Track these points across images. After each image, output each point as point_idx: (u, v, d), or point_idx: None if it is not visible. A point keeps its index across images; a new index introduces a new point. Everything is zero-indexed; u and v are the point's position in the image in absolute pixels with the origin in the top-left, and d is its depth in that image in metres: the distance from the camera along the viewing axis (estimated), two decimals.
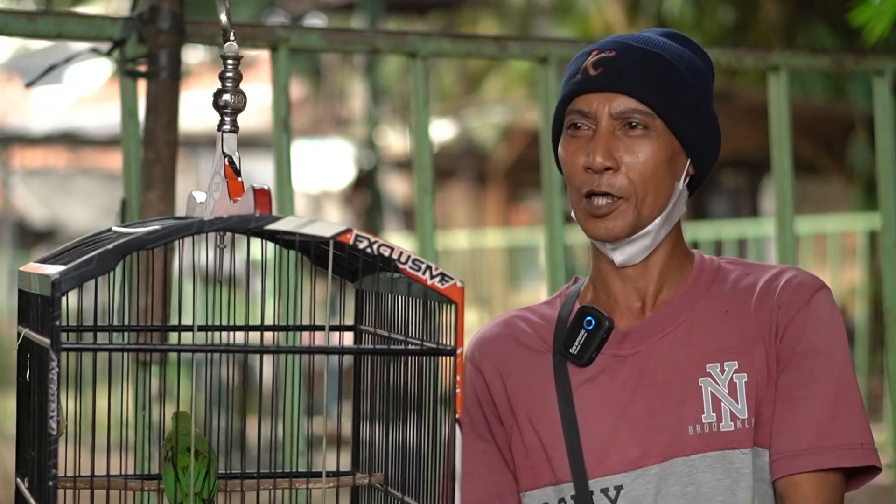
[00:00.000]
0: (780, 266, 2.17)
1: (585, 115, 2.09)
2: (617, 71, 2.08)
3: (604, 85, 2.08)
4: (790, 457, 2.05)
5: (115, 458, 1.72)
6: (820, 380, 2.06)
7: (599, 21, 12.78)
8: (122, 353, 1.55)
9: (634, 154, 2.07)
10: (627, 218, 2.07)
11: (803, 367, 2.07)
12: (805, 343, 2.07)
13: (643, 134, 2.07)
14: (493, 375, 2.17)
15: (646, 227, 2.09)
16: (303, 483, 1.76)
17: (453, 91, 18.44)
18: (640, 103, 2.07)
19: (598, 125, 2.08)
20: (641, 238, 2.10)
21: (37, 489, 1.57)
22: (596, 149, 2.06)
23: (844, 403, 2.07)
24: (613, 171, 2.07)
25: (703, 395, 2.07)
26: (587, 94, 2.09)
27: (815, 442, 2.04)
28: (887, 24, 3.69)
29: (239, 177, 1.71)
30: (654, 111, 2.07)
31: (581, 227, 2.12)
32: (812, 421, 2.05)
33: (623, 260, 2.11)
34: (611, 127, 2.08)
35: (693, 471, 2.06)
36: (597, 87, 2.08)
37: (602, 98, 2.08)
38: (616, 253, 2.11)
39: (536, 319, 2.19)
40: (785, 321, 2.08)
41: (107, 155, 17.49)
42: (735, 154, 13.00)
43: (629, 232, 2.08)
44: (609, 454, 2.08)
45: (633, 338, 2.11)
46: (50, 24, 2.67)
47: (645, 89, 2.07)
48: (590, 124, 2.09)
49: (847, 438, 2.05)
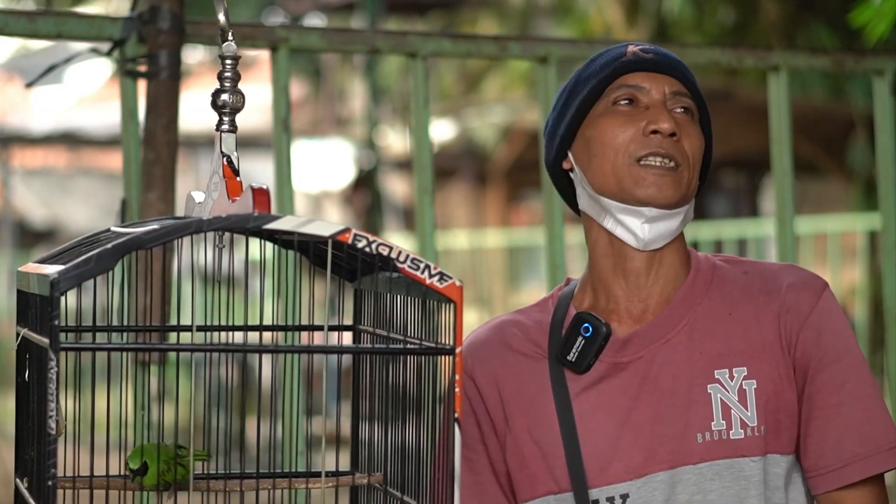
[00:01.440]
0: (778, 264, 2.16)
1: (640, 89, 2.10)
2: (666, 57, 2.13)
3: (656, 66, 2.11)
4: (839, 469, 2.04)
5: (114, 458, 1.72)
6: (849, 382, 2.06)
7: (599, 21, 12.77)
8: (122, 352, 1.55)
9: (688, 134, 2.10)
10: (680, 188, 2.08)
11: (828, 373, 2.06)
12: (824, 349, 2.06)
13: (691, 118, 2.11)
14: (486, 383, 2.13)
15: (683, 206, 2.09)
16: (302, 483, 1.76)
17: (453, 91, 18.43)
18: (684, 87, 2.11)
19: (654, 100, 2.10)
20: (674, 217, 2.09)
21: (36, 489, 1.57)
22: (665, 115, 2.08)
23: (873, 402, 2.07)
24: (677, 140, 2.08)
25: (712, 401, 2.05)
26: (640, 72, 2.11)
27: (857, 449, 2.04)
28: (888, 25, 3.69)
29: (237, 176, 1.71)
30: (695, 102, 2.12)
31: (622, 193, 2.07)
32: (851, 429, 2.05)
33: (650, 238, 2.08)
34: (665, 103, 2.10)
35: (701, 479, 2.04)
36: (650, 66, 2.11)
37: (656, 77, 2.11)
38: (647, 227, 2.07)
39: (528, 323, 2.16)
40: (795, 327, 2.07)
41: (107, 155, 17.48)
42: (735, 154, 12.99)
43: (676, 202, 2.07)
44: (613, 462, 2.06)
45: (635, 344, 2.09)
46: (50, 24, 2.67)
47: (688, 76, 2.13)
48: (643, 99, 2.10)
49: (886, 440, 2.05)
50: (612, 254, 2.11)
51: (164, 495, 1.74)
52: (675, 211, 2.08)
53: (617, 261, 2.11)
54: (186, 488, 1.70)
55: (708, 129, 2.14)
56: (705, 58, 3.21)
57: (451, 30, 15.80)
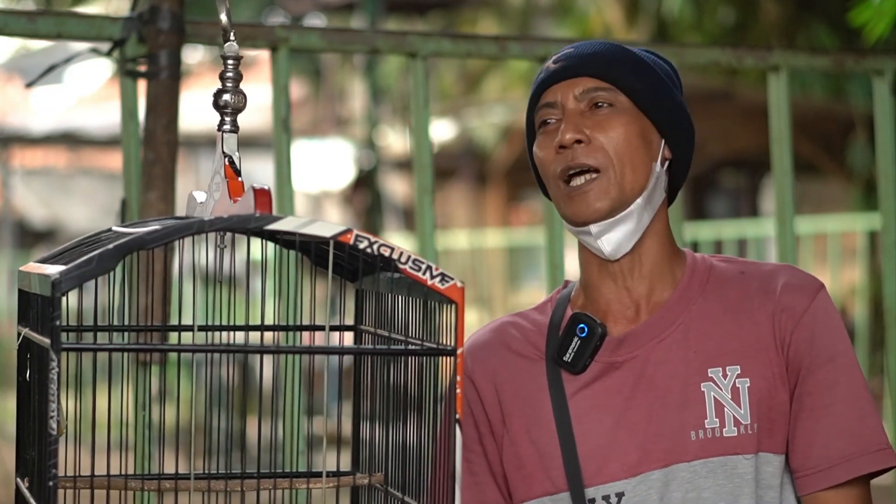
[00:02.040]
0: (774, 264, 2.15)
1: (552, 105, 2.10)
2: (575, 59, 2.11)
3: (564, 73, 2.10)
4: (826, 469, 2.04)
5: (115, 458, 1.72)
6: (839, 384, 2.06)
7: (599, 21, 12.78)
8: (122, 353, 1.55)
9: (605, 130, 2.07)
10: (610, 192, 2.06)
11: (819, 374, 2.06)
12: (817, 350, 2.06)
13: (610, 111, 2.08)
14: (485, 384, 2.14)
15: (628, 206, 2.07)
16: (303, 483, 1.76)
17: (453, 91, 18.44)
18: (600, 81, 2.09)
19: (565, 110, 2.09)
20: (625, 220, 2.08)
21: (37, 489, 1.57)
22: (566, 126, 2.07)
23: (864, 404, 2.07)
24: (585, 145, 2.06)
25: (705, 399, 2.05)
26: (550, 87, 2.11)
27: (846, 449, 2.04)
28: (887, 25, 3.68)
29: (239, 177, 1.72)
30: (616, 87, 2.08)
31: (565, 219, 2.11)
32: (840, 430, 2.04)
33: (611, 250, 2.08)
34: (577, 109, 2.09)
35: (695, 477, 2.04)
36: (558, 77, 2.10)
37: (564, 86, 2.10)
38: (602, 242, 2.08)
39: (528, 326, 2.17)
40: (790, 327, 2.07)
41: (107, 155, 17.48)
42: (735, 154, 12.99)
43: (612, 207, 2.06)
44: (609, 461, 2.06)
45: (629, 343, 2.09)
46: (50, 24, 2.67)
47: (603, 68, 2.09)
48: (557, 115, 2.10)
49: (873, 441, 2.05)
50: (595, 261, 2.13)
51: (163, 495, 1.74)
52: (620, 215, 2.07)
53: (600, 266, 2.13)
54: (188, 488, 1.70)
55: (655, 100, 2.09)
56: (705, 58, 3.21)
57: (451, 30, 15.80)
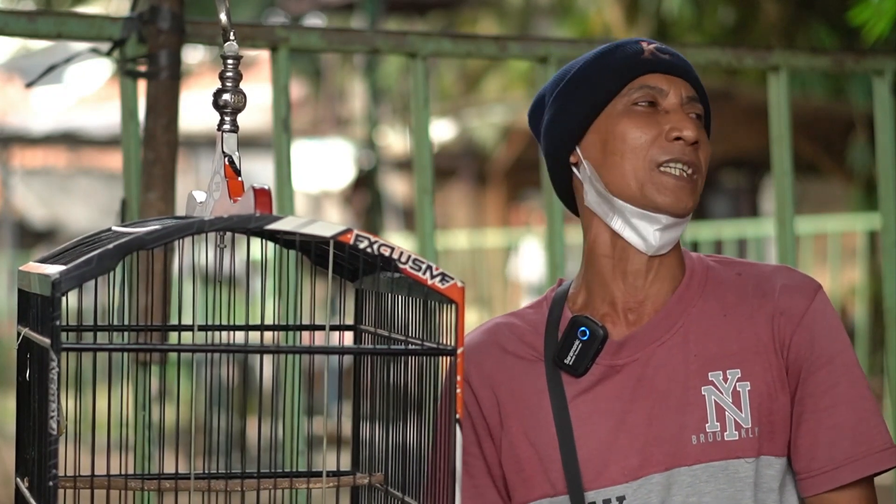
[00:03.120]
0: (771, 266, 2.15)
1: (660, 92, 2.08)
2: (679, 59, 2.11)
3: (674, 69, 2.09)
4: (831, 471, 2.04)
5: (115, 458, 1.72)
6: (840, 384, 2.06)
7: (599, 21, 12.77)
8: (122, 353, 1.55)
9: (703, 141, 2.08)
10: (696, 196, 2.07)
11: (820, 375, 2.05)
12: (817, 351, 2.06)
13: (700, 124, 2.09)
14: (482, 386, 2.12)
15: (690, 214, 2.08)
16: (303, 483, 1.76)
17: (453, 91, 18.44)
18: (695, 92, 2.10)
19: (673, 103, 2.07)
20: (684, 224, 2.09)
21: (37, 489, 1.57)
22: (689, 123, 2.06)
23: (866, 404, 2.07)
24: (696, 147, 2.07)
25: (706, 403, 2.05)
26: (658, 73, 2.09)
27: (851, 450, 2.03)
28: (887, 24, 3.68)
29: (239, 176, 1.72)
30: (702, 103, 2.10)
31: (642, 199, 2.05)
32: (844, 430, 2.04)
33: (660, 245, 2.07)
34: (683, 108, 2.08)
35: (696, 481, 2.04)
36: (668, 69, 2.09)
37: (674, 80, 2.09)
38: (659, 234, 2.06)
39: (523, 325, 2.15)
40: (789, 329, 2.07)
41: (107, 155, 17.49)
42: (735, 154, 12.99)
43: (691, 210, 2.07)
44: (609, 465, 2.05)
45: (630, 346, 2.09)
46: (50, 24, 2.67)
47: (699, 81, 2.11)
48: (663, 102, 2.08)
49: (878, 441, 2.05)
50: (613, 254, 2.10)
51: (163, 495, 1.74)
52: (685, 219, 2.08)
53: (617, 262, 2.10)
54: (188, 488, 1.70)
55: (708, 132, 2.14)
56: (705, 58, 3.21)
57: (451, 30, 15.80)
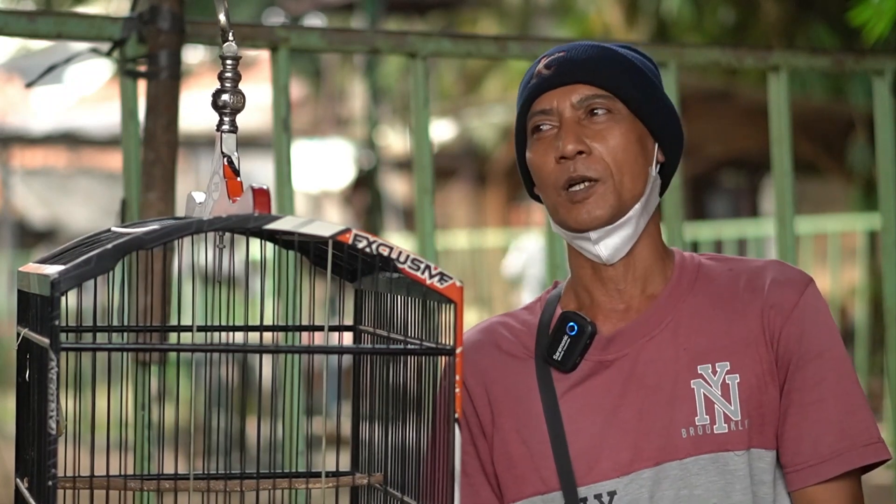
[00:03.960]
0: (763, 260, 2.15)
1: (547, 112, 2.09)
2: (569, 65, 2.09)
3: (559, 80, 2.09)
4: (816, 465, 2.03)
5: (114, 459, 1.72)
6: (828, 379, 2.05)
7: (598, 21, 12.78)
8: (122, 353, 1.55)
9: (604, 139, 2.07)
10: (608, 200, 2.06)
11: (809, 369, 2.05)
12: (806, 345, 2.06)
13: (608, 118, 2.08)
14: (475, 384, 2.14)
15: (627, 213, 2.07)
16: (302, 483, 1.76)
17: (453, 91, 18.45)
18: (598, 89, 2.08)
19: (562, 118, 2.08)
20: (624, 226, 2.08)
21: (36, 489, 1.57)
22: (566, 137, 2.06)
23: (853, 398, 2.06)
24: (586, 156, 2.06)
25: (695, 397, 2.05)
26: (544, 93, 2.10)
27: (836, 444, 2.03)
28: (887, 24, 3.68)
29: (238, 176, 1.71)
30: (614, 94, 2.08)
31: (562, 225, 2.10)
32: (829, 424, 2.04)
33: (609, 255, 2.09)
34: (575, 117, 2.08)
35: (686, 474, 2.04)
36: (553, 84, 2.09)
37: (560, 93, 2.09)
38: (601, 247, 2.08)
39: (517, 325, 2.17)
40: (779, 323, 2.07)
41: (107, 155, 17.49)
42: (735, 154, 13.00)
43: (611, 215, 2.06)
44: (600, 460, 2.06)
45: (619, 341, 2.09)
46: (50, 24, 2.67)
47: (600, 75, 2.09)
48: (553, 122, 2.09)
49: (864, 436, 2.04)
50: (588, 265, 2.13)
51: (163, 495, 1.74)
52: (619, 222, 2.08)
53: (594, 270, 2.12)
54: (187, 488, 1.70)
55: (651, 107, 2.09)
56: (705, 58, 3.21)
57: (451, 30, 15.81)
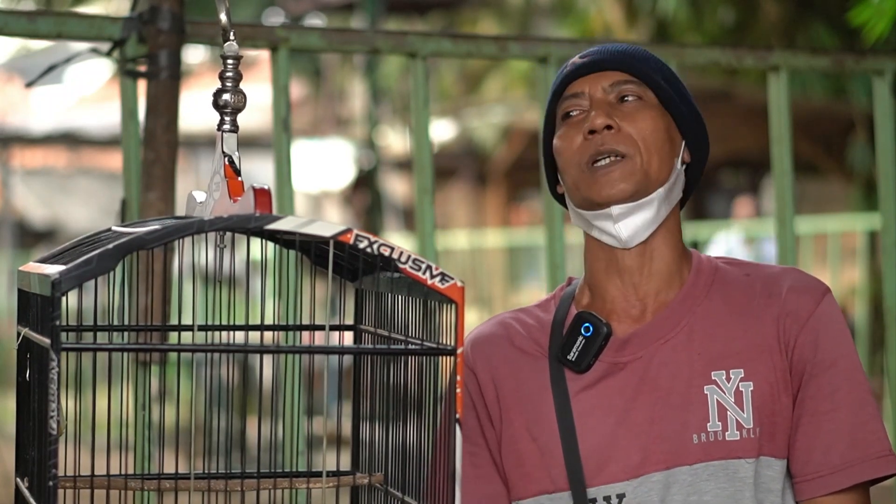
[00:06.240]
0: (780, 267, 2.15)
1: (578, 96, 2.11)
2: (603, 54, 2.13)
3: (592, 67, 2.12)
4: (826, 476, 2.03)
5: (115, 458, 1.72)
6: (841, 389, 2.05)
7: (599, 21, 12.78)
8: (122, 352, 1.55)
9: (634, 121, 2.08)
10: (635, 175, 2.06)
11: (822, 379, 2.05)
12: (820, 354, 2.06)
13: (638, 104, 2.10)
14: (486, 378, 2.14)
15: (650, 193, 2.07)
16: (303, 483, 1.76)
17: (453, 91, 18.45)
18: (630, 76, 2.11)
19: (592, 100, 2.10)
20: (645, 207, 2.08)
21: (37, 489, 1.57)
22: (596, 113, 2.08)
23: (866, 409, 2.06)
24: (616, 132, 2.07)
25: (708, 402, 2.05)
26: (577, 79, 2.12)
27: (847, 456, 2.03)
28: (887, 24, 3.68)
29: (239, 176, 1.71)
30: (644, 82, 2.10)
31: (584, 202, 2.09)
32: (841, 435, 2.04)
33: (628, 236, 2.08)
34: (605, 99, 2.10)
35: (696, 480, 2.04)
36: (586, 70, 2.12)
37: (592, 78, 2.12)
38: (620, 227, 2.08)
39: (531, 322, 2.17)
40: (794, 331, 2.06)
41: (107, 155, 17.48)
42: (735, 154, 12.99)
43: (636, 190, 2.06)
44: (610, 462, 2.06)
45: (634, 344, 2.09)
46: (50, 24, 2.67)
47: (632, 64, 2.11)
48: (583, 106, 2.11)
49: (876, 447, 2.04)
50: (604, 256, 2.12)
51: (163, 495, 1.74)
52: (642, 201, 2.07)
53: (609, 262, 2.12)
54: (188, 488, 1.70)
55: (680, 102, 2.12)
56: (705, 58, 3.21)
57: (451, 30, 15.81)
